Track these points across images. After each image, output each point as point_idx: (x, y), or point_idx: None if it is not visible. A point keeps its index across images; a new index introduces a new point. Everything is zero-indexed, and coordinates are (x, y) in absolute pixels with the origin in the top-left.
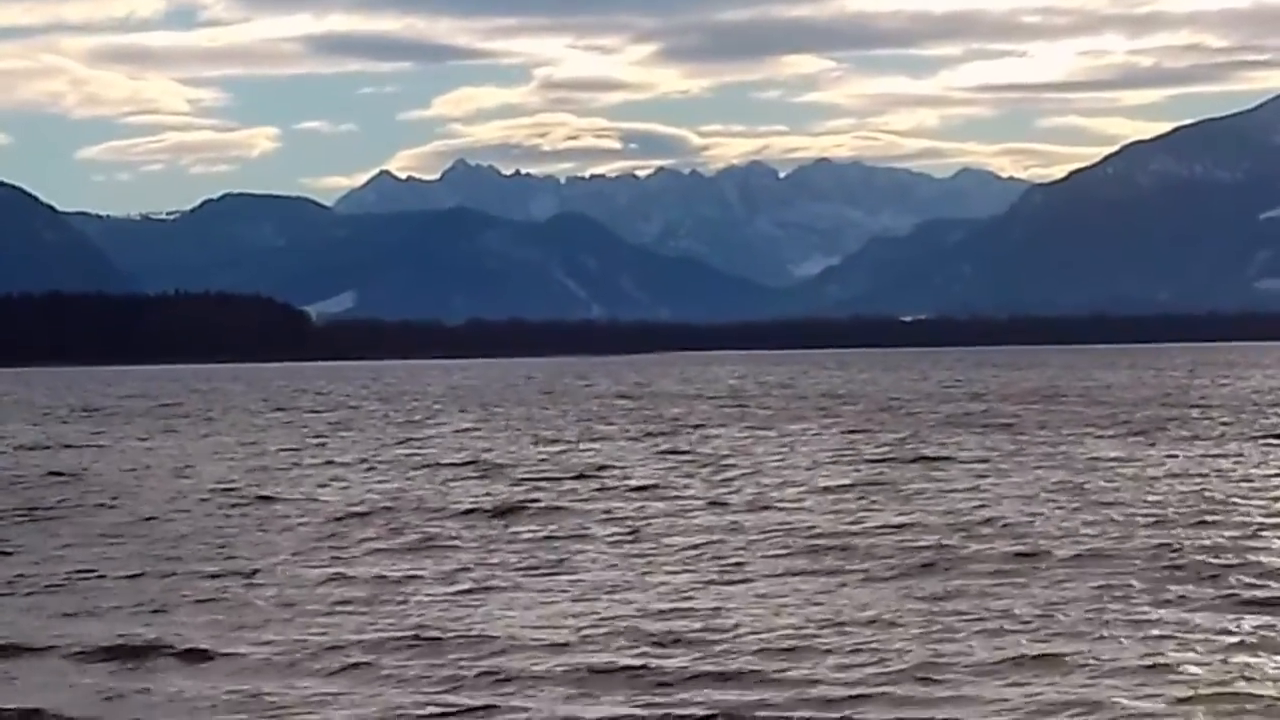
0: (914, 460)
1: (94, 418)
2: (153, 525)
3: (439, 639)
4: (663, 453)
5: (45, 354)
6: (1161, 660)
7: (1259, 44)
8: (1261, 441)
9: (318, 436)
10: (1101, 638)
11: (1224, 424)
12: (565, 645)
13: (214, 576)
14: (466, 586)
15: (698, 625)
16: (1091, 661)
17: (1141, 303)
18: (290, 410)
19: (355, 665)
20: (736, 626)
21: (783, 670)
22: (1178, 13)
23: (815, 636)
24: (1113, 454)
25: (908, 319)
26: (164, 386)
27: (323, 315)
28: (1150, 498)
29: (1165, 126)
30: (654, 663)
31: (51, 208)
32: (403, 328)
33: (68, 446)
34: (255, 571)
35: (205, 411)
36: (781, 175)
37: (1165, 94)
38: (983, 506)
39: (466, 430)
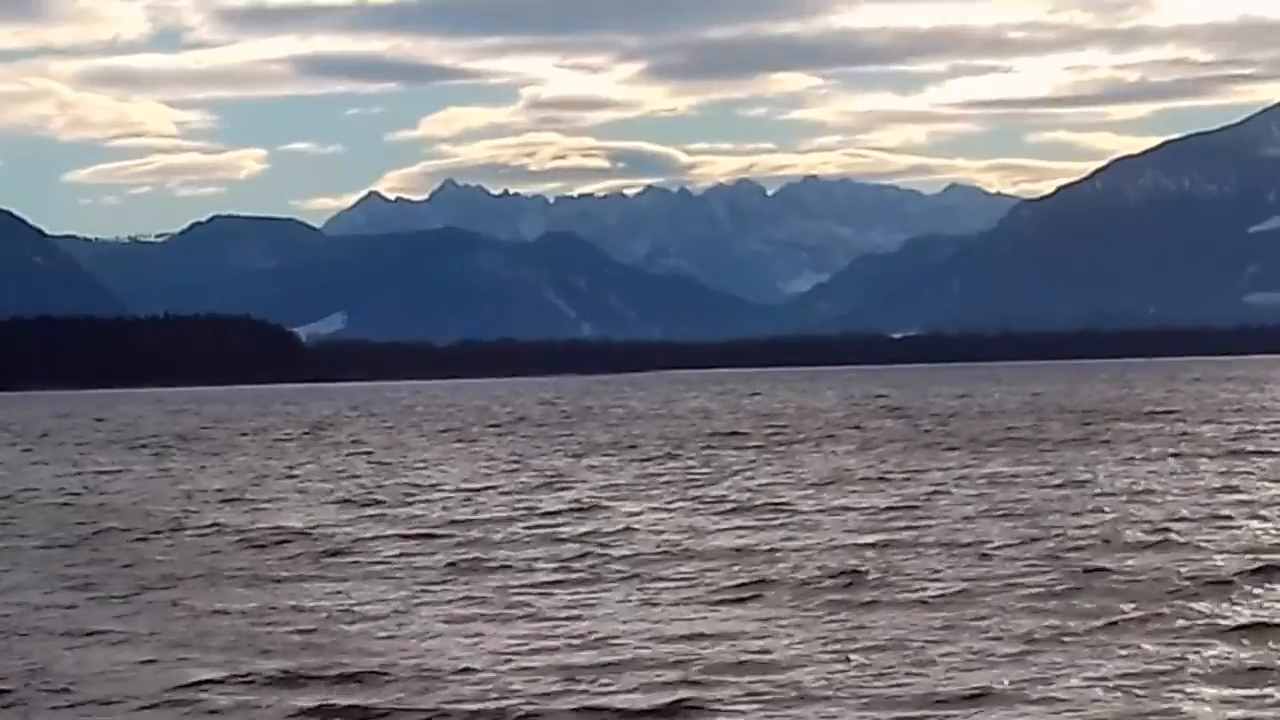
0: (870, 479)
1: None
2: (48, 554)
3: (321, 671)
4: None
5: (35, 378)
6: (1092, 693)
7: (1245, 58)
8: (1223, 457)
9: (268, 459)
10: (1031, 667)
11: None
12: (463, 673)
13: (90, 604)
14: (364, 614)
15: (607, 657)
16: (1023, 694)
17: (1131, 317)
18: (248, 434)
19: (191, 704)
20: (646, 657)
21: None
22: (1162, 27)
23: (735, 667)
24: (1080, 469)
25: (898, 335)
26: (135, 409)
27: (313, 336)
28: (1088, 517)
29: (1153, 141)
30: (561, 697)
31: (40, 231)
32: (393, 348)
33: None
34: (142, 602)
35: (167, 435)
36: (770, 193)
37: (1152, 108)
38: (910, 528)
39: (400, 450)
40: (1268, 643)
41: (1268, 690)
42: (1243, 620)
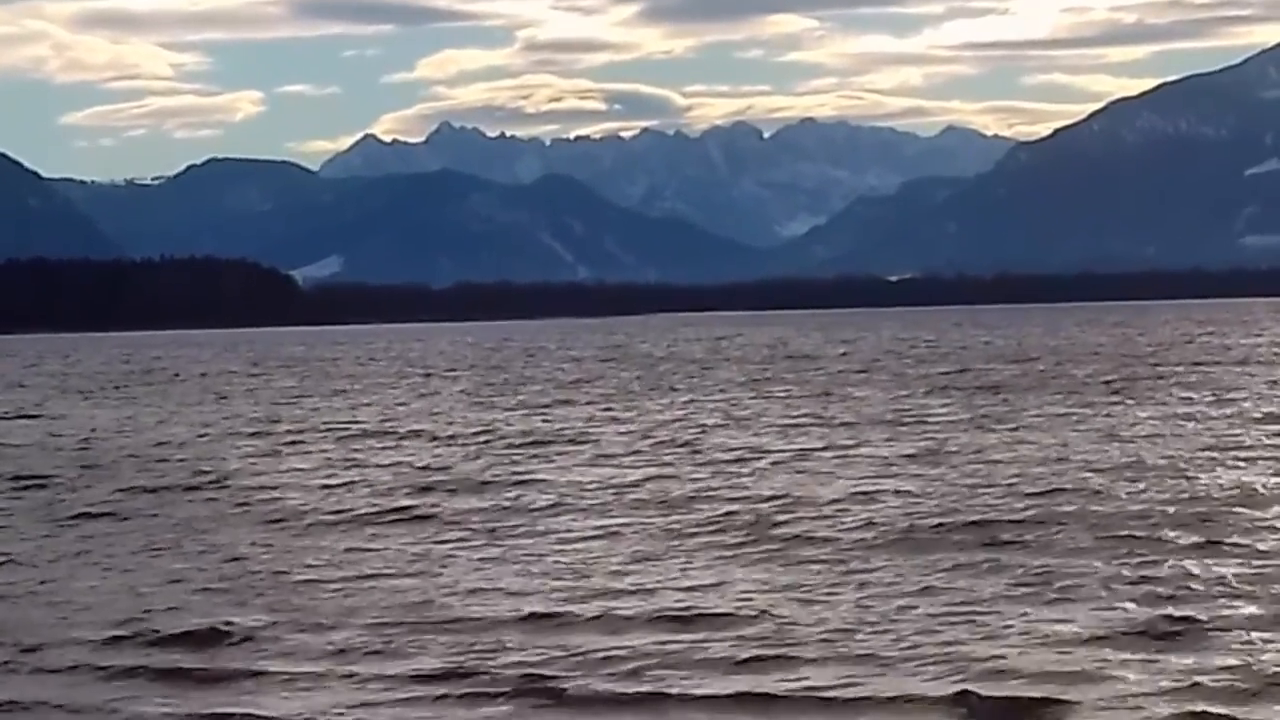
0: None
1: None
2: None
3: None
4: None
5: (32, 321)
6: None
7: None
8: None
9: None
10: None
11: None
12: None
13: None
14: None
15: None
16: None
17: (1128, 260)
18: (204, 377)
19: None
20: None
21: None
22: None
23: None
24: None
25: (894, 278)
26: (110, 352)
27: (309, 279)
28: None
29: (1150, 83)
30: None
31: (36, 174)
32: (389, 291)
33: None
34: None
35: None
36: (766, 135)
37: (1149, 50)
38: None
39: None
40: (1187, 604)
41: (1179, 654)
42: (1162, 577)
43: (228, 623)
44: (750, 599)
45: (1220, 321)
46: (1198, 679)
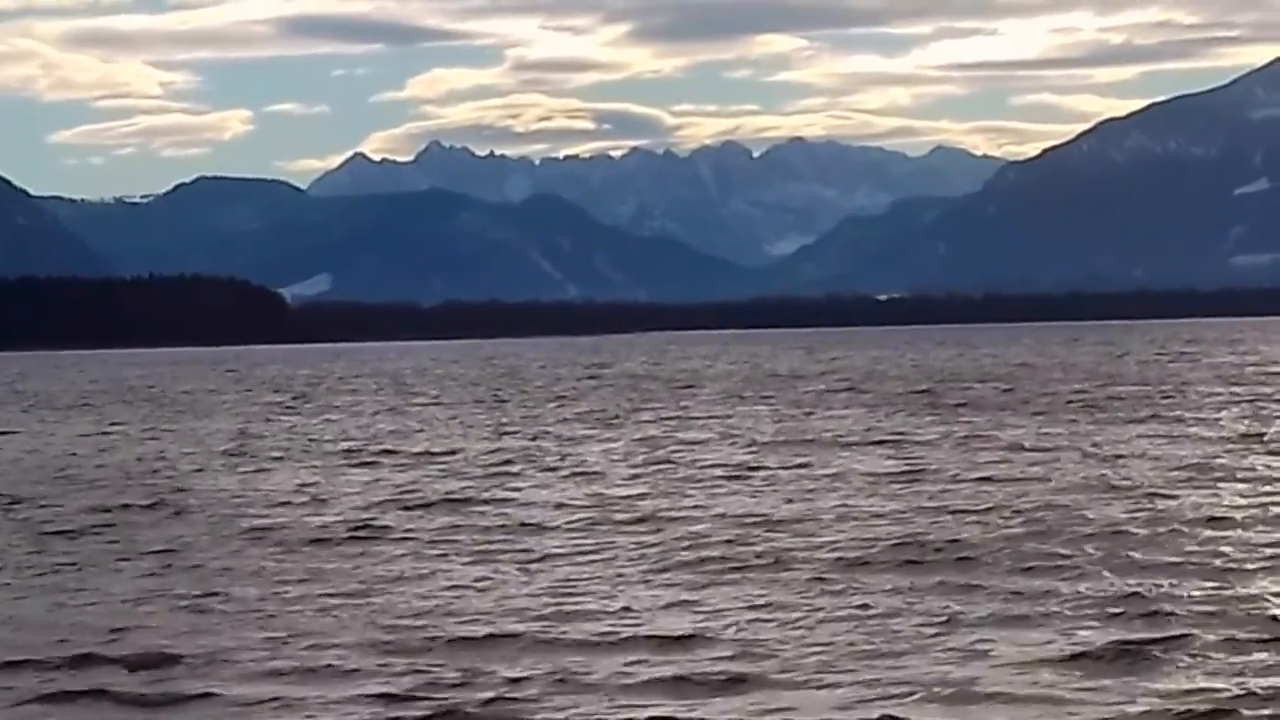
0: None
1: None
2: None
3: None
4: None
5: (19, 338)
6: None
7: (1230, 20)
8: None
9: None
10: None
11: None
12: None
13: None
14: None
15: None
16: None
17: (1117, 280)
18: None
19: None
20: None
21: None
22: None
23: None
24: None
25: (883, 297)
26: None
27: (298, 298)
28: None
29: (1138, 103)
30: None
31: (25, 192)
32: (378, 310)
33: None
34: None
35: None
36: (755, 155)
37: (1138, 71)
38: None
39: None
40: (1155, 627)
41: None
42: (1134, 598)
43: (188, 644)
44: (720, 620)
45: (1208, 341)
46: (1154, 703)
